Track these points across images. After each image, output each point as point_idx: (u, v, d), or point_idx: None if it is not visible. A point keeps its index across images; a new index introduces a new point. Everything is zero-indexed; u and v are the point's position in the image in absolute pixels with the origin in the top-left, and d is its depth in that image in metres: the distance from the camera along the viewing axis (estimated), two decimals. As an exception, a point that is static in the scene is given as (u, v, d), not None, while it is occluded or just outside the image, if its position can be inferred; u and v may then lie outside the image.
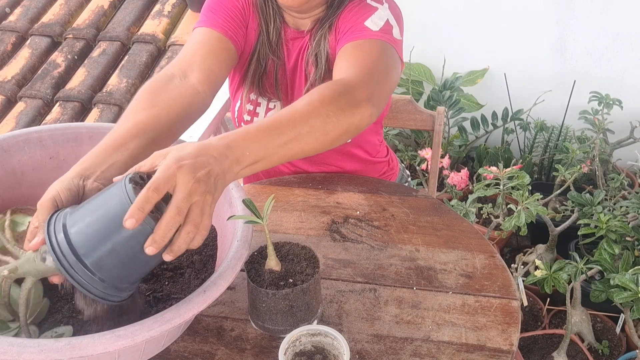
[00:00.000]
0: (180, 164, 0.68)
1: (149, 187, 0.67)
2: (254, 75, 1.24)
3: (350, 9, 1.15)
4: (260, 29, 1.21)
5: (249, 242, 0.84)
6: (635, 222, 1.73)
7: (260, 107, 1.29)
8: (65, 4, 3.21)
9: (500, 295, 1.01)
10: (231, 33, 1.15)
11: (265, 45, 1.22)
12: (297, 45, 1.23)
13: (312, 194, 1.25)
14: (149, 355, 0.82)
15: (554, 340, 1.79)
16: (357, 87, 0.91)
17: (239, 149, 0.75)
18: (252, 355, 0.90)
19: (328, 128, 0.84)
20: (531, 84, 2.36)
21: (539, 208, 1.56)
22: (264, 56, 1.23)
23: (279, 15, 1.21)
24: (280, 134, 0.80)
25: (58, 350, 0.66)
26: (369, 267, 1.06)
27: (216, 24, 1.14)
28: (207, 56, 1.08)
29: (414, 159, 2.34)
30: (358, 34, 1.08)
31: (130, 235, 0.68)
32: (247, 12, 1.21)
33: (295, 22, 1.22)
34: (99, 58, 2.92)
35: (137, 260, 0.70)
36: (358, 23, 1.11)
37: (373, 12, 1.12)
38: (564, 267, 1.56)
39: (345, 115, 0.86)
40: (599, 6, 2.18)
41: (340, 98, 0.87)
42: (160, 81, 0.99)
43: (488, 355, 0.90)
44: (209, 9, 1.17)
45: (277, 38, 1.22)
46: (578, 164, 2.00)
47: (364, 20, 1.10)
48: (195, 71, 1.03)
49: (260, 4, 1.19)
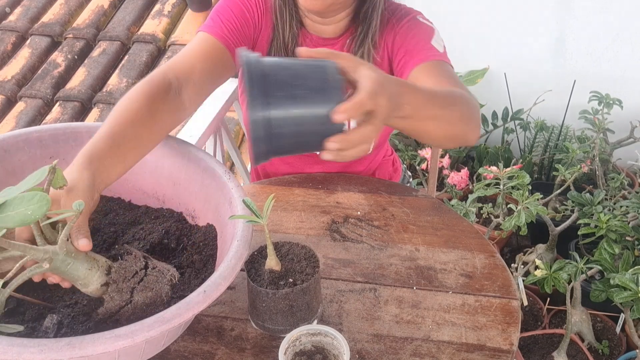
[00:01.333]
0: (383, 93, 0.73)
1: (362, 97, 0.70)
2: None
3: (402, 27, 1.14)
4: (275, 33, 1.18)
5: (249, 242, 0.84)
6: (635, 221, 1.73)
7: None
8: (65, 3, 3.21)
9: (500, 295, 1.01)
10: (234, 46, 1.13)
11: (281, 50, 1.19)
12: None
13: (312, 193, 1.25)
14: (149, 355, 0.82)
15: (554, 340, 1.79)
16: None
17: (405, 98, 0.79)
18: (252, 355, 0.90)
19: (460, 123, 0.92)
20: (531, 84, 2.36)
21: (539, 208, 1.56)
22: None
23: (296, 21, 1.17)
24: (435, 106, 0.86)
25: (58, 350, 0.66)
26: (369, 266, 1.07)
27: (221, 33, 1.12)
28: (205, 72, 1.07)
29: (414, 159, 2.34)
30: (430, 54, 1.09)
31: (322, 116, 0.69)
32: (259, 21, 1.18)
33: (316, 28, 1.19)
34: (99, 58, 2.92)
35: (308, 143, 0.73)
36: (425, 42, 1.11)
37: (433, 31, 1.14)
38: (564, 267, 1.56)
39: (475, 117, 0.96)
40: (599, 6, 2.18)
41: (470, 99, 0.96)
42: (161, 89, 0.98)
43: (488, 355, 0.90)
44: (217, 14, 1.15)
45: (294, 44, 1.19)
46: (578, 163, 2.00)
47: (429, 39, 1.12)
48: (190, 87, 1.03)
49: (279, 7, 1.16)
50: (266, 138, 0.70)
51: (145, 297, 0.80)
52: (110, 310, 0.79)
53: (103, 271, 0.79)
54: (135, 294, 0.80)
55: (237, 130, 2.55)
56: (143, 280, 0.81)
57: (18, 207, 0.66)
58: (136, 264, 0.81)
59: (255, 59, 0.71)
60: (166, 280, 0.82)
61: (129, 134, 0.89)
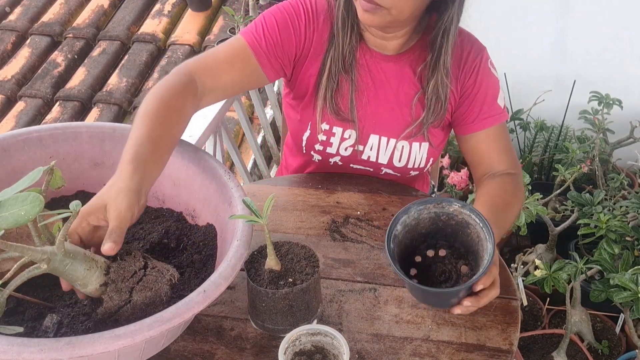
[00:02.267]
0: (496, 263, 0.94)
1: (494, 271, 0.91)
2: (325, 92, 1.16)
3: (471, 67, 1.17)
4: (332, 43, 1.14)
5: (249, 241, 0.84)
6: (635, 222, 1.72)
7: (335, 137, 1.22)
8: (65, 3, 3.21)
9: (500, 295, 1.00)
10: (267, 60, 1.11)
11: (338, 62, 1.14)
12: (388, 71, 1.17)
13: (312, 193, 1.25)
14: (149, 354, 0.83)
15: (554, 340, 1.79)
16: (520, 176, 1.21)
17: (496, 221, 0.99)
18: (252, 354, 0.90)
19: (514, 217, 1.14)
20: (531, 84, 2.36)
21: (539, 208, 1.56)
22: (335, 73, 1.15)
23: (356, 33, 1.14)
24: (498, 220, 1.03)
25: (58, 350, 0.66)
26: (368, 266, 1.07)
27: (259, 47, 1.10)
28: (230, 83, 1.09)
29: (414, 159, 2.34)
30: (497, 118, 1.18)
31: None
32: (311, 36, 1.15)
33: (376, 43, 1.15)
34: (99, 57, 2.92)
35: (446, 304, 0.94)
36: (493, 100, 1.18)
37: (498, 84, 1.20)
38: (563, 267, 1.56)
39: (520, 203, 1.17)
40: (598, 6, 2.17)
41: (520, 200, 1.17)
42: (190, 92, 1.01)
43: (488, 355, 0.90)
44: (262, 22, 1.12)
45: (352, 57, 1.15)
46: (578, 163, 2.00)
47: (495, 96, 1.18)
48: (212, 95, 1.06)
49: (341, 18, 1.11)
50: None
51: (144, 297, 0.80)
52: (110, 310, 0.79)
53: (102, 271, 0.79)
54: (134, 294, 0.79)
55: (237, 130, 2.55)
56: (142, 280, 0.81)
57: (12, 208, 0.66)
58: (135, 263, 0.81)
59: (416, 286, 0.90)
60: (165, 280, 0.82)
61: (166, 136, 0.91)
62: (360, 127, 1.21)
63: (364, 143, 1.23)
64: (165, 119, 0.93)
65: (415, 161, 1.24)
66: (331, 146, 1.24)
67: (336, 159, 1.26)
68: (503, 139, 1.20)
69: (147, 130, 0.90)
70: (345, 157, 1.26)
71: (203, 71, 1.05)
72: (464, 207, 0.93)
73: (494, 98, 1.18)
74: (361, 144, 1.23)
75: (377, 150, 1.24)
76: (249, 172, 2.13)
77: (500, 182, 1.15)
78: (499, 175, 1.17)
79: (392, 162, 1.25)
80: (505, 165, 1.18)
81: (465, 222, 0.93)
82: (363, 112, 1.20)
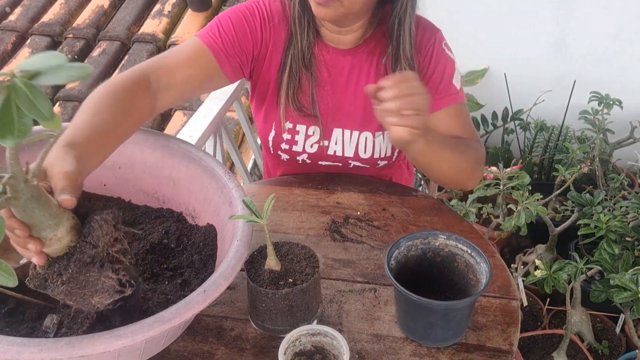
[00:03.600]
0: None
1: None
2: (287, 90, 1.19)
3: (425, 49, 1.17)
4: (291, 42, 1.16)
5: (249, 242, 0.84)
6: (635, 222, 1.72)
7: (299, 134, 1.24)
8: (65, 3, 3.21)
9: (500, 295, 1.01)
10: (225, 59, 1.12)
11: (298, 59, 1.17)
12: (344, 65, 1.19)
13: (312, 194, 1.25)
14: (149, 354, 0.83)
15: (554, 340, 1.79)
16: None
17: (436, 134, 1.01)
18: (252, 355, 0.90)
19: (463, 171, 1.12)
20: (531, 84, 2.36)
21: (539, 208, 1.56)
22: (296, 70, 1.18)
23: (313, 30, 1.16)
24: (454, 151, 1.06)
25: (58, 350, 0.66)
26: (369, 267, 1.07)
27: (215, 45, 1.11)
28: (188, 80, 1.07)
29: (414, 159, 2.34)
30: (453, 97, 1.17)
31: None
32: (267, 37, 1.16)
33: (332, 38, 1.18)
34: (99, 58, 2.92)
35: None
36: (447, 81, 1.17)
37: (454, 65, 1.19)
38: (563, 267, 1.56)
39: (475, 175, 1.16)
40: (599, 6, 2.17)
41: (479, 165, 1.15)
42: (142, 86, 0.99)
43: (488, 355, 0.90)
44: (217, 24, 1.14)
45: (311, 53, 1.18)
46: (578, 164, 2.00)
47: (451, 77, 1.18)
48: (168, 91, 1.04)
49: (297, 15, 1.14)
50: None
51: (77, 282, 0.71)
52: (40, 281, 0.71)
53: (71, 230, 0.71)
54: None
55: (237, 130, 2.55)
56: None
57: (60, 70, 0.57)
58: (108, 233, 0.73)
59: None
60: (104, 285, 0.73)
61: (111, 125, 0.89)
62: (323, 122, 1.23)
63: (328, 138, 1.25)
64: (109, 107, 0.91)
65: (380, 151, 1.26)
66: (297, 144, 1.25)
67: (303, 157, 1.28)
68: (463, 117, 1.19)
69: (87, 117, 0.88)
70: (312, 154, 1.27)
71: (158, 68, 1.04)
72: (449, 238, 0.95)
73: (449, 78, 1.18)
74: (326, 139, 1.25)
75: (342, 143, 1.25)
76: (249, 172, 2.13)
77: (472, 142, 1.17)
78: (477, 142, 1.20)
79: (359, 154, 1.26)
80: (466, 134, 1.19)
81: (452, 254, 0.95)
82: (324, 107, 1.22)
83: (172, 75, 1.05)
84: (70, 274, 0.70)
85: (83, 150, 0.80)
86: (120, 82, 0.97)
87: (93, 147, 0.83)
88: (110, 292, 0.73)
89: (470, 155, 1.11)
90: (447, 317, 0.87)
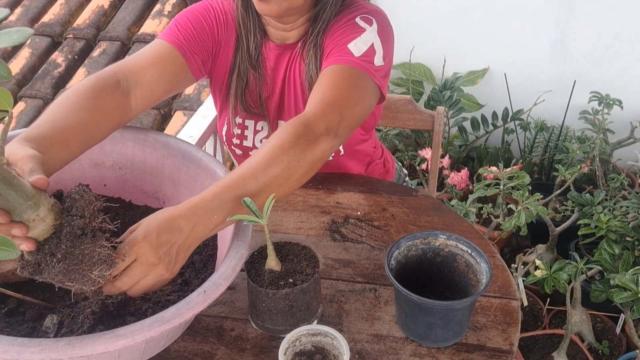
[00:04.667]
0: (145, 239, 0.75)
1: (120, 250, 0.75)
2: (236, 91, 1.22)
3: (337, 27, 1.12)
4: (239, 43, 1.19)
5: (249, 242, 0.85)
6: (635, 222, 1.72)
7: (248, 130, 1.27)
8: (65, 3, 3.21)
9: (500, 295, 1.01)
10: (190, 55, 1.12)
11: (245, 59, 1.20)
12: (283, 61, 1.21)
13: (312, 194, 1.25)
14: (149, 355, 0.83)
15: (554, 340, 1.79)
16: (316, 122, 0.94)
17: (204, 213, 0.80)
18: (252, 355, 0.90)
19: (290, 172, 0.88)
20: (531, 84, 2.36)
21: (539, 208, 1.56)
22: (244, 70, 1.20)
23: (259, 30, 1.18)
24: (245, 189, 0.83)
25: (58, 350, 0.66)
26: (369, 267, 1.07)
27: (177, 41, 1.11)
28: (156, 77, 1.06)
29: (414, 159, 2.34)
30: (338, 57, 1.07)
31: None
32: (220, 34, 1.18)
33: (278, 35, 1.19)
34: (99, 58, 2.92)
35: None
36: (342, 44, 1.08)
37: (359, 34, 1.09)
38: (564, 267, 1.56)
39: (306, 155, 0.90)
40: (599, 6, 2.18)
41: (299, 140, 0.90)
42: (109, 84, 0.98)
43: (488, 355, 0.90)
44: (175, 24, 1.15)
45: (258, 53, 1.20)
46: (578, 164, 2.00)
47: (348, 41, 1.08)
48: (138, 90, 1.03)
49: (241, 17, 1.16)
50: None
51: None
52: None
53: (52, 213, 0.70)
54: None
55: (237, 130, 2.55)
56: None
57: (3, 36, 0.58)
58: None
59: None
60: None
61: (74, 120, 0.88)
62: (270, 118, 1.25)
63: None
64: (73, 105, 0.90)
65: None
66: (247, 139, 1.28)
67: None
68: (337, 78, 1.04)
69: (46, 116, 0.87)
70: None
71: (125, 68, 1.03)
72: (449, 238, 0.95)
73: (345, 43, 1.08)
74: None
75: None
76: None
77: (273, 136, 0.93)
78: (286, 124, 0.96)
79: None
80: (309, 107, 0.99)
81: (452, 254, 0.95)
82: (271, 103, 1.24)
83: (140, 74, 1.04)
84: (64, 249, 0.69)
85: (39, 145, 0.80)
86: (87, 82, 0.96)
87: (50, 142, 0.83)
88: (109, 262, 0.72)
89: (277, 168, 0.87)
90: (447, 317, 0.87)
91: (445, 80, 2.35)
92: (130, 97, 1.01)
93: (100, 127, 0.93)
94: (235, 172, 0.86)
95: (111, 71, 1.01)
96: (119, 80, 1.00)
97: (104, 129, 0.95)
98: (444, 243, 0.95)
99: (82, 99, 0.92)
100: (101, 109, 0.94)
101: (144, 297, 0.87)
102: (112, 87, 0.98)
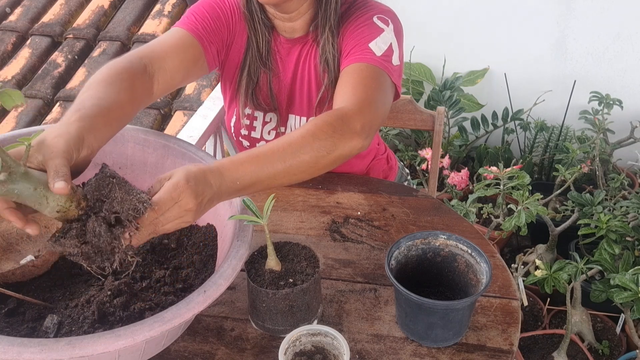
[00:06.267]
0: (188, 184, 0.76)
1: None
2: (246, 89, 1.24)
3: (355, 26, 1.13)
4: (249, 41, 1.20)
5: (249, 242, 0.84)
6: (635, 222, 1.72)
7: (257, 120, 1.28)
8: (65, 3, 3.21)
9: (500, 295, 1.01)
10: (207, 44, 1.14)
11: (255, 58, 1.21)
12: (294, 54, 1.22)
13: (312, 194, 1.25)
14: (149, 355, 0.83)
15: (554, 340, 1.79)
16: (354, 118, 0.95)
17: (230, 176, 0.82)
18: (252, 355, 0.90)
19: (317, 161, 0.89)
20: (531, 84, 2.36)
21: (539, 208, 1.56)
22: (255, 70, 1.22)
23: (268, 27, 1.19)
24: (271, 166, 0.85)
25: (58, 350, 0.66)
26: (369, 267, 1.07)
27: (195, 29, 1.13)
28: (176, 64, 1.09)
29: (414, 159, 2.34)
30: (361, 56, 1.09)
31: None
32: (234, 27, 1.20)
33: (286, 27, 1.20)
34: (99, 58, 2.92)
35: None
36: (363, 43, 1.10)
37: (379, 33, 1.11)
38: (564, 267, 1.56)
39: (337, 148, 0.91)
40: (599, 6, 2.18)
41: (335, 132, 0.91)
42: (139, 67, 1.01)
43: (488, 355, 0.90)
44: (192, 13, 1.17)
45: (268, 50, 1.21)
46: (578, 164, 2.00)
47: (368, 41, 1.10)
48: (162, 75, 1.05)
49: (249, 15, 1.18)
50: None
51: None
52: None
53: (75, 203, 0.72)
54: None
55: (237, 130, 2.55)
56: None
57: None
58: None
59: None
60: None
61: (115, 100, 0.90)
62: (280, 110, 1.27)
63: (284, 124, 1.28)
64: (112, 86, 0.92)
65: None
66: (255, 130, 1.29)
67: (262, 144, 1.28)
68: (360, 77, 1.06)
69: (92, 93, 0.89)
70: (269, 141, 1.27)
71: (147, 52, 1.06)
72: (449, 238, 0.95)
73: (367, 42, 1.10)
74: (282, 125, 1.28)
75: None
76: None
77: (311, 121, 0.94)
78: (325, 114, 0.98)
79: None
80: (346, 103, 1.00)
81: (452, 254, 0.95)
82: (281, 97, 1.26)
83: (164, 60, 1.07)
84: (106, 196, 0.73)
85: (90, 122, 0.82)
86: (121, 64, 0.99)
87: (101, 120, 0.84)
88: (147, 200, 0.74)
89: (307, 155, 0.88)
90: (447, 317, 0.87)
91: (445, 80, 2.35)
92: (154, 82, 1.04)
93: (133, 107, 0.96)
94: (265, 147, 0.87)
95: (137, 56, 1.03)
96: (146, 65, 1.03)
97: (135, 110, 0.97)
98: (444, 243, 0.95)
99: (119, 80, 0.95)
100: (134, 91, 0.97)
101: (144, 298, 0.87)
102: (142, 71, 1.01)
